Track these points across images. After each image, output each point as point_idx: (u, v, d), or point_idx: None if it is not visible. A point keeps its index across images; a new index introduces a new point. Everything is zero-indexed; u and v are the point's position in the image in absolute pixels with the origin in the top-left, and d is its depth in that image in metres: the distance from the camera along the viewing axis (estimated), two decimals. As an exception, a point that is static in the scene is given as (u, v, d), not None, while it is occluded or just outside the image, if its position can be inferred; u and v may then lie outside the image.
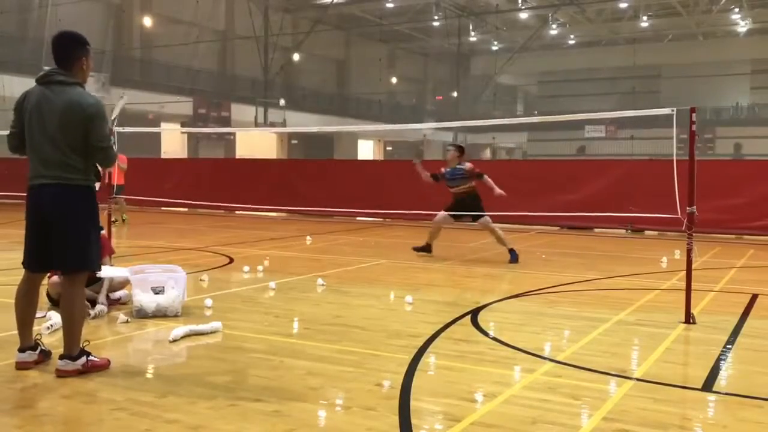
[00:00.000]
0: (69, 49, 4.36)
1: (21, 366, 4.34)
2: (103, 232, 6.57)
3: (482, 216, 9.71)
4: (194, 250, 10.66)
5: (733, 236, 13.31)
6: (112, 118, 4.60)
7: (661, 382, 4.22)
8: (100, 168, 4.52)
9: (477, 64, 53.81)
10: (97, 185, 4.46)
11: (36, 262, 4.38)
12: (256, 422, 3.53)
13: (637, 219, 13.73)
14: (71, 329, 4.28)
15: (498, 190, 9.46)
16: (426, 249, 10.05)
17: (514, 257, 9.53)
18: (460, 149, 10.02)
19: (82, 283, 4.40)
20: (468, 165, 9.85)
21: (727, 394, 4.11)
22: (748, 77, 49.57)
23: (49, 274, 5.64)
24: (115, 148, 4.40)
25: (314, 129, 42.19)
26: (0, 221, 14.59)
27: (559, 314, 6.29)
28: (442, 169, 9.98)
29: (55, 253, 4.30)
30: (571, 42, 50.53)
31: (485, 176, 9.70)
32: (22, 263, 4.44)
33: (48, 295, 6.03)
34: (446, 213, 9.87)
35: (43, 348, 4.47)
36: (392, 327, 5.66)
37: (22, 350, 4.38)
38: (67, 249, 4.27)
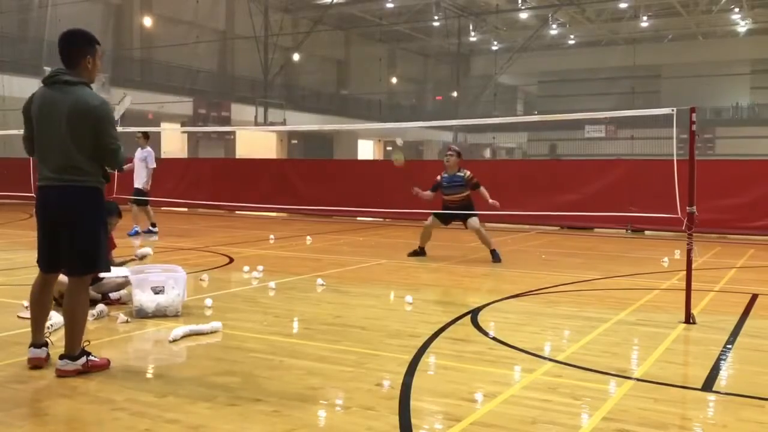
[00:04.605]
0: (73, 48, 4.32)
1: (35, 363, 4.33)
2: None
3: (472, 217, 9.62)
4: (194, 250, 10.66)
5: (733, 236, 13.30)
6: (117, 118, 4.59)
7: (661, 382, 4.22)
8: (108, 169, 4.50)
9: (477, 64, 53.78)
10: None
11: (47, 262, 4.38)
12: (256, 422, 3.53)
13: (637, 219, 13.73)
14: (73, 329, 4.28)
15: (492, 201, 9.39)
16: (420, 252, 10.01)
17: (496, 257, 9.54)
18: (460, 155, 9.93)
19: (87, 283, 4.41)
20: (467, 173, 9.73)
21: (727, 394, 4.11)
22: (748, 77, 49.51)
23: None
24: (123, 149, 4.37)
25: (314, 128, 42.26)
26: (0, 221, 14.60)
27: (559, 314, 6.29)
28: (439, 177, 9.81)
29: (64, 255, 4.29)
30: (571, 42, 50.48)
31: (482, 188, 9.61)
32: (37, 262, 4.43)
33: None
34: (435, 217, 9.84)
35: (48, 349, 4.46)
36: (392, 327, 5.66)
37: (37, 346, 4.36)
38: (76, 252, 4.27)
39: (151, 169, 13.04)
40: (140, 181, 12.92)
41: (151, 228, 12.88)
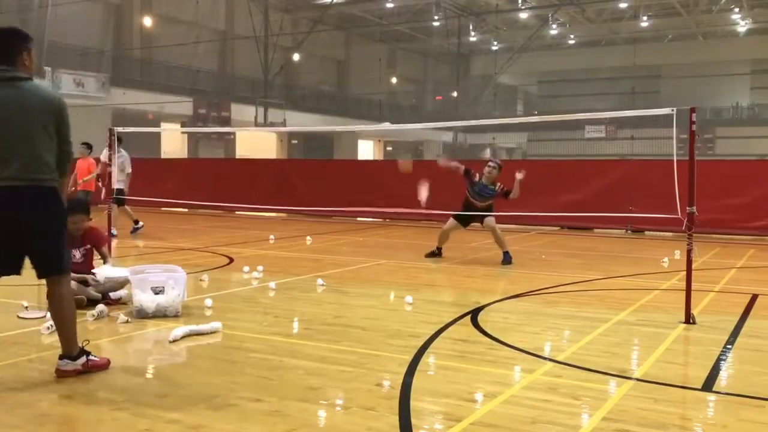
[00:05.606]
0: (10, 44, 4.18)
1: None
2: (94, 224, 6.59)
3: (488, 216, 9.64)
4: (194, 250, 10.66)
5: (733, 236, 13.30)
6: None
7: (661, 382, 4.22)
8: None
9: (477, 64, 53.80)
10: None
11: (5, 266, 4.18)
12: (256, 422, 3.52)
13: (637, 219, 13.73)
14: (65, 330, 4.25)
15: (519, 175, 9.36)
16: (437, 253, 9.98)
17: (507, 259, 9.45)
18: (501, 169, 9.67)
19: (66, 283, 4.28)
20: (500, 187, 9.61)
21: (727, 394, 4.11)
22: (748, 77, 49.56)
23: None
24: None
25: (314, 129, 42.23)
26: None
27: (559, 314, 6.29)
28: (476, 176, 9.63)
29: (32, 260, 4.18)
30: (571, 42, 50.52)
31: (512, 194, 9.47)
32: None
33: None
34: (454, 220, 9.82)
35: None
36: (392, 327, 5.66)
37: None
38: (44, 254, 4.17)
39: (128, 174, 12.77)
40: (119, 183, 12.71)
41: (135, 226, 12.73)
